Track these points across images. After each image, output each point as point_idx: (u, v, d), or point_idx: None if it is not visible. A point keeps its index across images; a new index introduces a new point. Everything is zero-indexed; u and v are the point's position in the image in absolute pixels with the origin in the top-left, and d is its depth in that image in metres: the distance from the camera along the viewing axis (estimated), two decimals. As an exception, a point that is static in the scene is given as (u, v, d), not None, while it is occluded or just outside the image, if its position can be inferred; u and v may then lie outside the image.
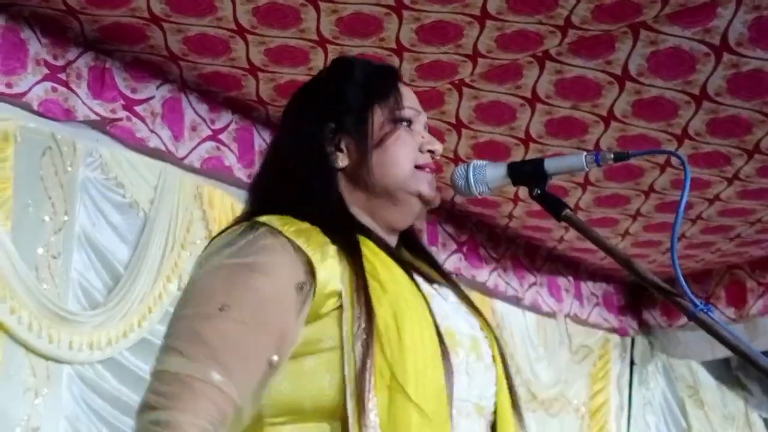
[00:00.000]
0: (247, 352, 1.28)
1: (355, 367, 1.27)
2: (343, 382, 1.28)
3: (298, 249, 1.33)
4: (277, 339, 1.30)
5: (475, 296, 4.61)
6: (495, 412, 1.43)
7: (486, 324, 1.50)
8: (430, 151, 1.52)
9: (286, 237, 1.34)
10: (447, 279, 1.55)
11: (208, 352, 1.27)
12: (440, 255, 4.40)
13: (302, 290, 1.32)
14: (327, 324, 1.32)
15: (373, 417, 1.26)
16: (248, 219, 1.41)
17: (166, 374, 1.28)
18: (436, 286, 1.49)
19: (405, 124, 1.51)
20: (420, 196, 1.50)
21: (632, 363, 5.56)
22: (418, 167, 1.50)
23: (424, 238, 4.26)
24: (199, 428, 1.23)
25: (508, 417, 1.44)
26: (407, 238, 1.57)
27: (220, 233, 1.43)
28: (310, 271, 1.32)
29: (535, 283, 4.91)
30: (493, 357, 1.45)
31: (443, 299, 1.46)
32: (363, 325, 1.29)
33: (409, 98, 1.55)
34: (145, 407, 1.26)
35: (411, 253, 1.57)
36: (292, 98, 1.61)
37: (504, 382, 1.45)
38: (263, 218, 1.39)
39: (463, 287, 1.59)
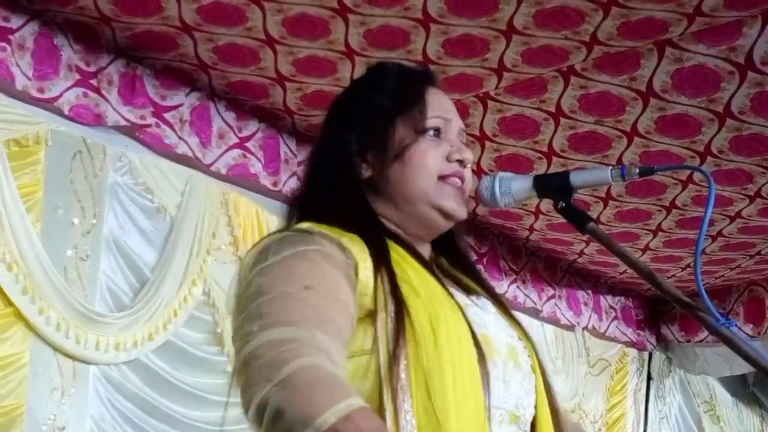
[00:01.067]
0: (338, 324, 1.27)
1: (391, 370, 1.26)
2: (380, 386, 1.27)
3: (344, 248, 1.33)
4: (351, 319, 1.30)
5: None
6: (534, 424, 1.42)
7: (525, 335, 1.48)
8: (459, 161, 1.47)
9: (333, 237, 1.34)
10: (486, 289, 1.53)
11: (307, 320, 1.23)
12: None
13: (353, 288, 1.31)
14: (360, 328, 1.31)
15: (410, 418, 1.25)
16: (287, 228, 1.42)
17: (270, 342, 1.20)
18: (473, 296, 1.48)
19: (431, 133, 1.46)
20: (441, 210, 1.47)
21: (649, 377, 5.56)
22: (442, 178, 1.46)
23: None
24: (326, 363, 1.19)
25: (548, 429, 1.43)
26: (447, 247, 1.54)
27: (262, 239, 1.40)
28: (355, 270, 1.32)
29: (554, 296, 4.92)
30: (532, 367, 1.44)
31: (480, 309, 1.45)
32: (397, 328, 1.29)
33: (438, 106, 1.49)
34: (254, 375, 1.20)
35: (451, 261, 1.55)
36: (329, 106, 1.58)
37: (544, 393, 1.43)
38: (305, 224, 1.39)
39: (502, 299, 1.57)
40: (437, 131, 1.47)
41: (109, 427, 3.08)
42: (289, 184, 3.67)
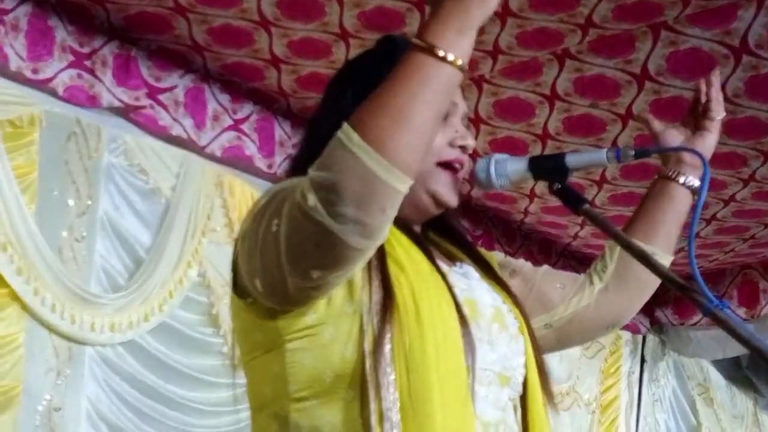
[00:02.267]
0: None
1: (374, 340, 1.28)
2: (363, 355, 1.28)
3: None
4: None
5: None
6: (525, 385, 1.43)
7: (512, 299, 1.49)
8: (462, 147, 1.48)
9: None
10: (473, 255, 1.54)
11: None
12: (455, 248, 4.43)
13: None
14: (343, 288, 1.32)
15: (392, 391, 1.26)
16: None
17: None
18: (458, 263, 1.49)
19: None
20: (434, 196, 1.47)
21: (643, 360, 5.59)
22: (441, 164, 1.46)
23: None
24: None
25: (537, 392, 1.44)
26: (437, 219, 1.54)
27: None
28: None
29: (548, 279, 4.93)
30: (520, 329, 1.44)
31: (463, 275, 1.46)
32: (381, 301, 1.30)
33: None
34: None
35: (439, 233, 1.56)
36: (338, 71, 1.56)
37: (533, 355, 1.44)
38: None
39: (493, 262, 1.57)
40: (444, 114, 1.40)
41: (105, 408, 3.09)
42: (284, 166, 3.67)
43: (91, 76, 3.12)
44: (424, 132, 1.22)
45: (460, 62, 1.23)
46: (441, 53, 1.23)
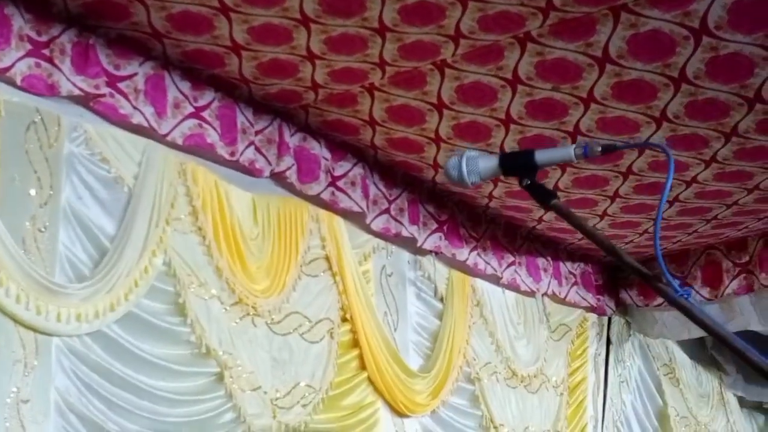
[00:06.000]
0: None
1: None
2: None
3: None
4: None
5: (457, 274, 4.67)
6: None
7: None
8: None
9: None
10: None
11: None
12: (421, 234, 4.44)
13: None
14: None
15: None
16: None
17: None
18: None
19: None
20: None
21: (609, 342, 5.64)
22: None
23: (405, 217, 4.32)
24: None
25: None
26: None
27: None
28: None
29: (514, 263, 4.96)
30: None
31: None
32: None
33: None
34: None
35: None
36: None
37: None
38: None
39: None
40: None
41: (74, 399, 3.07)
42: (246, 154, 3.66)
43: (50, 64, 3.09)
44: None
45: None
46: None
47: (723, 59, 3.29)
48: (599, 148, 1.54)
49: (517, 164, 1.57)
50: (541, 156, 1.56)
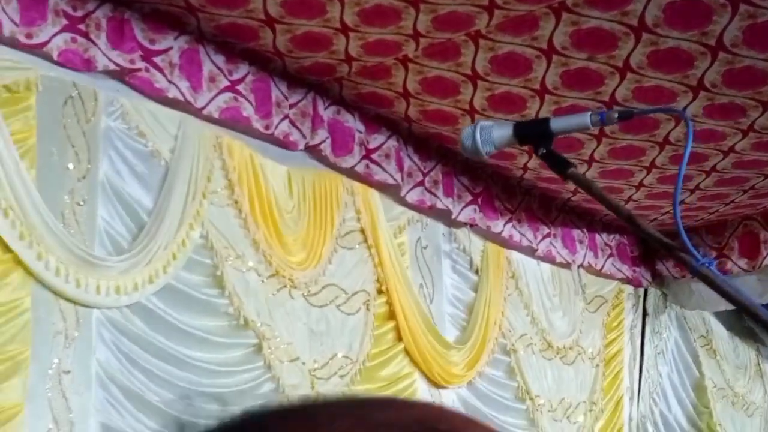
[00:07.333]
0: None
1: None
2: None
3: None
4: None
5: (492, 246, 4.67)
6: None
7: None
8: None
9: None
10: None
11: None
12: (456, 206, 4.44)
13: None
14: None
15: None
16: None
17: None
18: None
19: None
20: None
21: (645, 313, 5.61)
22: None
23: (440, 189, 4.32)
24: None
25: None
26: None
27: None
28: None
29: (549, 234, 4.95)
30: None
31: None
32: None
33: None
34: None
35: None
36: None
37: None
38: None
39: None
40: None
41: (115, 370, 3.11)
42: (281, 127, 3.67)
43: (86, 39, 3.11)
44: None
45: None
46: None
47: (761, 27, 3.24)
48: (616, 115, 1.52)
49: (533, 133, 1.53)
50: (556, 124, 1.52)
